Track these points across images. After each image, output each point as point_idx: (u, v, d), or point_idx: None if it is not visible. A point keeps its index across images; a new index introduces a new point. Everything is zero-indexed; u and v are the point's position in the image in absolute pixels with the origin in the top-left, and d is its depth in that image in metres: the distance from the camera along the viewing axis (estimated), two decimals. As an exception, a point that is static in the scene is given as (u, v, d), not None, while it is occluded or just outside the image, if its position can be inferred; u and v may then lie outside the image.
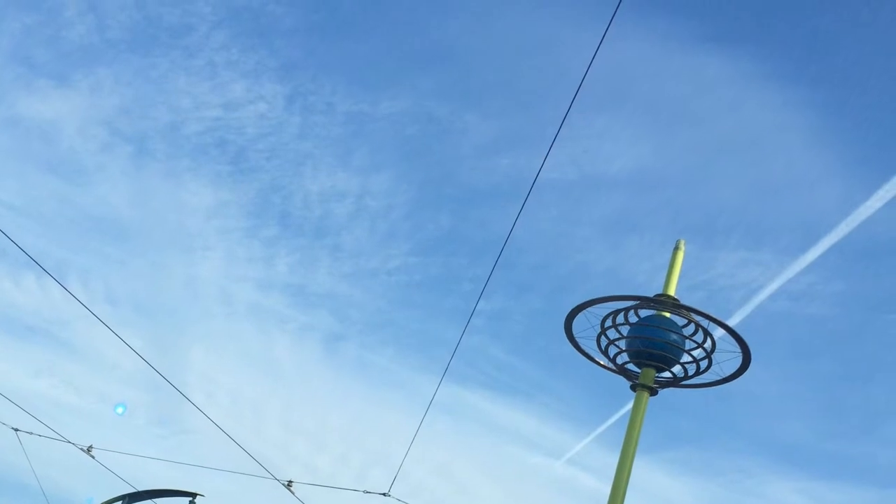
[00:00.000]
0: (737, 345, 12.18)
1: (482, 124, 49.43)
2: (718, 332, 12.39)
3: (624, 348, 12.82)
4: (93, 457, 21.58)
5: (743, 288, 42.77)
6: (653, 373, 12.72)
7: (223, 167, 48.26)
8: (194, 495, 22.73)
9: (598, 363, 13.21)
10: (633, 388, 12.80)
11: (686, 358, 12.73)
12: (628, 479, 12.28)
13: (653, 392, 12.74)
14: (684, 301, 12.64)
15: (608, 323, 12.80)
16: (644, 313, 12.83)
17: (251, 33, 48.47)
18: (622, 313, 12.72)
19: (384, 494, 19.94)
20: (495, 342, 47.65)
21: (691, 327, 12.56)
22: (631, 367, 12.98)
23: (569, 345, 13.17)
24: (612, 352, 12.88)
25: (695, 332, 12.55)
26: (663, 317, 12.71)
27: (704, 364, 12.59)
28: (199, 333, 48.22)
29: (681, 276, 13.12)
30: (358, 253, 49.30)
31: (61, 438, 21.50)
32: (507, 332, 49.12)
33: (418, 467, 40.38)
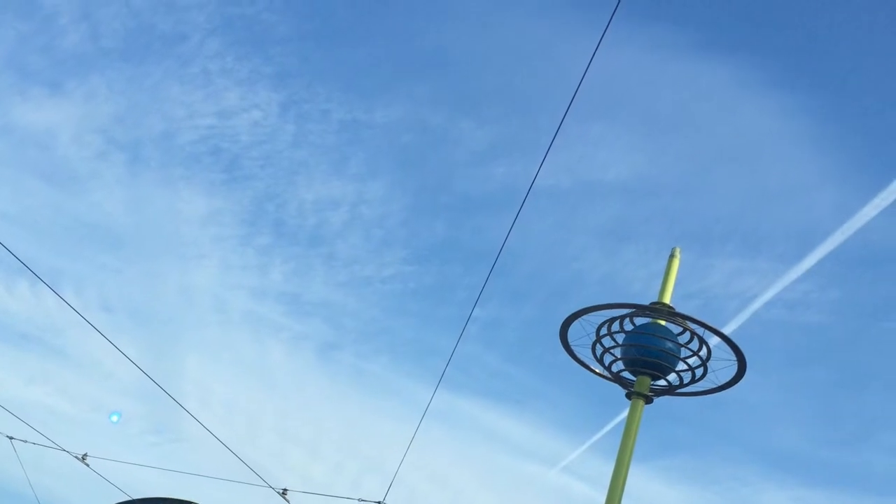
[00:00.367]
0: (732, 353, 12.19)
1: (477, 132, 49.45)
2: (714, 340, 12.40)
3: (619, 356, 12.82)
4: (87, 465, 21.53)
5: (738, 296, 42.82)
6: (648, 381, 12.72)
7: (217, 175, 48.25)
8: (189, 504, 22.68)
9: (593, 371, 13.21)
10: (629, 396, 12.80)
11: (681, 366, 12.73)
12: (623, 488, 12.26)
13: (648, 400, 12.73)
14: (680, 309, 12.64)
15: (603, 331, 12.79)
16: (639, 321, 12.83)
17: (245, 41, 48.50)
18: (617, 321, 12.72)
19: (379, 503, 19.92)
20: (490, 350, 47.66)
21: (686, 335, 12.57)
22: (626, 375, 12.98)
23: (564, 353, 13.17)
24: (608, 360, 12.88)
25: (690, 341, 12.55)
26: (658, 325, 12.71)
27: (700, 372, 12.60)
28: (194, 341, 48.16)
29: (676, 284, 13.13)
30: (353, 261, 49.27)
31: (56, 446, 21.45)
32: (502, 339, 49.10)
33: (413, 475, 40.36)
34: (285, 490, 20.94)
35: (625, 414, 12.83)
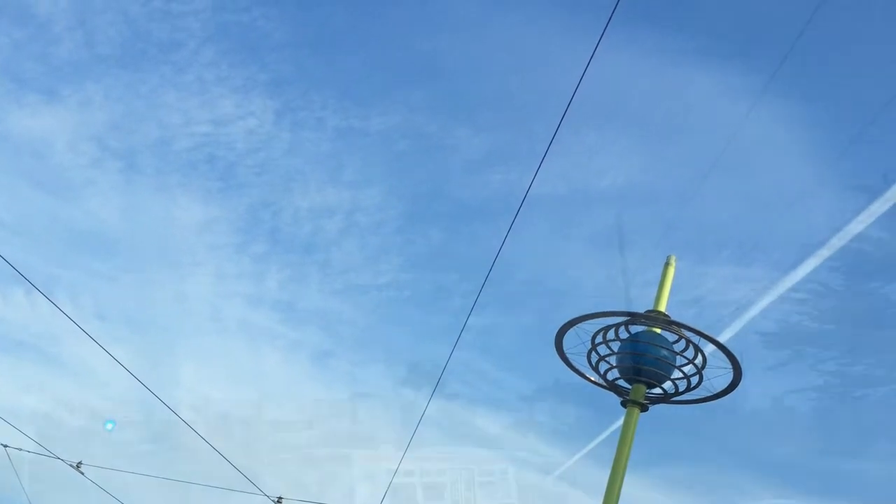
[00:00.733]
0: (727, 361, 12.17)
1: (473, 139, 49.58)
2: (709, 348, 12.38)
3: (614, 364, 12.80)
4: (82, 473, 21.51)
5: (734, 304, 42.86)
6: (643, 389, 12.70)
7: (213, 183, 48.29)
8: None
9: (588, 379, 13.19)
10: (624, 404, 12.76)
11: (677, 374, 12.70)
12: (619, 496, 12.23)
13: (643, 408, 12.69)
14: (675, 317, 12.63)
15: (599, 339, 12.76)
16: (635, 329, 12.80)
17: (240, 49, 48.64)
18: (612, 329, 12.69)
19: (375, 511, 19.91)
20: (486, 357, 47.66)
21: (682, 343, 12.54)
22: (622, 383, 12.94)
23: (559, 361, 13.13)
24: (603, 368, 12.85)
25: (685, 349, 12.52)
26: (654, 333, 12.69)
27: (695, 380, 12.57)
28: (189, 349, 48.16)
29: (672, 291, 13.11)
30: (348, 269, 49.31)
31: (51, 455, 21.43)
32: (497, 347, 49.12)
33: (408, 482, 40.32)
34: (280, 498, 20.93)
35: (620, 422, 12.81)
